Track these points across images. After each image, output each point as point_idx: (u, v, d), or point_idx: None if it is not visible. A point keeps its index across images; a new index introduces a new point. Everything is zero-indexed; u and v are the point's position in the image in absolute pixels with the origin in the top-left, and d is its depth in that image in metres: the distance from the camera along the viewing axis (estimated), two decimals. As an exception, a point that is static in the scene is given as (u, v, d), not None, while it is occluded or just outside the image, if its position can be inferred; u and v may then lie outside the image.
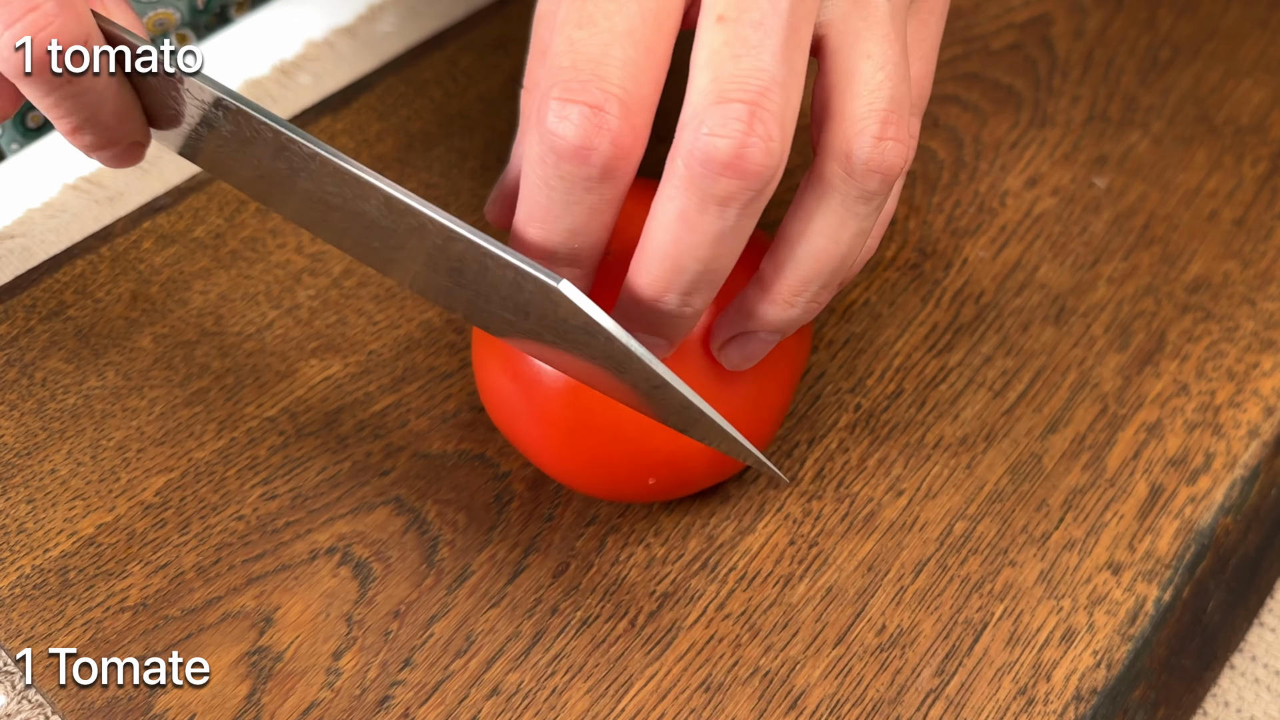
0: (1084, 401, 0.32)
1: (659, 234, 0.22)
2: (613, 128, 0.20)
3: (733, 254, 0.22)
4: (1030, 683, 0.27)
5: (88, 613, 0.28)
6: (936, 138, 0.38)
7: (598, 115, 0.20)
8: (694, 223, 0.21)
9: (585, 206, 0.21)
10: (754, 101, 0.20)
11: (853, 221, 0.23)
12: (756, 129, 0.20)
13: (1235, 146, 0.38)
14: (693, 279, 0.22)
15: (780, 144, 0.21)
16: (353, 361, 0.32)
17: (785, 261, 0.24)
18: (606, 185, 0.21)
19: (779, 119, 0.20)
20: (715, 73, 0.21)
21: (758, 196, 0.21)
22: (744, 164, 0.20)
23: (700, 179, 0.21)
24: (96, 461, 0.30)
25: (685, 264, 0.22)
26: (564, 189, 0.21)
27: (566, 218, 0.22)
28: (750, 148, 0.20)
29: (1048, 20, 0.42)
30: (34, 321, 0.33)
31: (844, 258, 0.23)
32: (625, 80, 0.20)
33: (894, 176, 0.22)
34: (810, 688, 0.27)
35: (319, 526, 0.29)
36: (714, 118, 0.20)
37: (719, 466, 0.28)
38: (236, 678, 0.27)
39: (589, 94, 0.20)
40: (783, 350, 0.27)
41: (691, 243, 0.21)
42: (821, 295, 0.24)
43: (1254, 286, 0.35)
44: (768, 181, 0.21)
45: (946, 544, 0.29)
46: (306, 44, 0.40)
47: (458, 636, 0.28)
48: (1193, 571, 0.29)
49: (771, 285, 0.24)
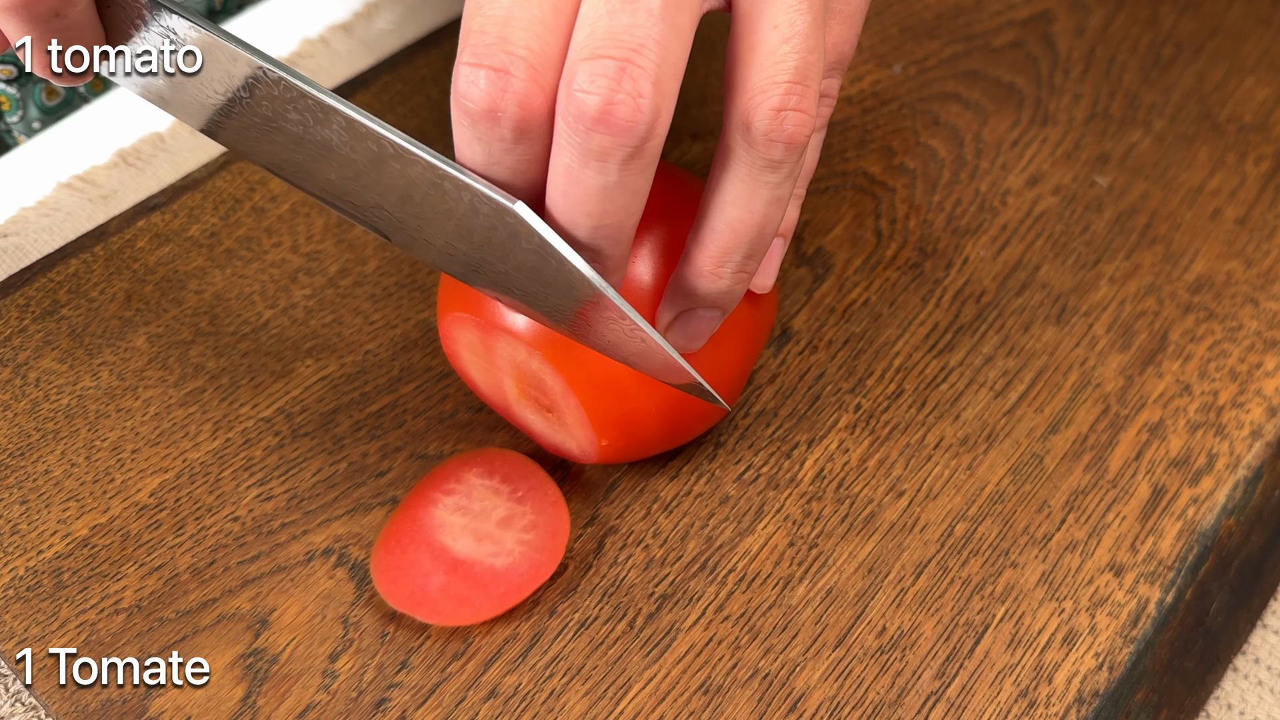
0: (1086, 402, 0.32)
1: (551, 190, 0.22)
2: (518, 90, 0.21)
3: (625, 210, 0.22)
4: (1032, 685, 0.27)
5: (82, 615, 0.28)
6: (937, 136, 0.38)
7: (503, 78, 0.20)
8: (577, 177, 0.21)
9: (506, 166, 0.22)
10: (625, 58, 0.20)
11: (763, 190, 0.23)
12: (625, 85, 0.20)
13: (1238, 145, 0.38)
14: (589, 232, 0.22)
15: (652, 100, 0.21)
16: (349, 362, 0.32)
17: (704, 234, 0.24)
18: (522, 145, 0.21)
19: (652, 76, 0.21)
20: (591, 28, 0.21)
21: (636, 152, 0.21)
22: (612, 119, 0.20)
23: (575, 134, 0.21)
24: (91, 462, 0.30)
25: (577, 219, 0.22)
26: (484, 149, 0.21)
27: (492, 178, 0.22)
28: (618, 105, 0.20)
29: (1049, 17, 0.41)
30: (27, 321, 0.33)
31: (761, 226, 0.24)
32: (530, 41, 0.21)
33: (798, 146, 0.22)
34: (810, 690, 0.27)
35: (315, 528, 0.29)
36: (583, 73, 0.20)
37: (671, 430, 0.28)
38: (232, 680, 0.27)
39: (494, 58, 0.20)
40: (737, 319, 0.28)
41: (579, 198, 0.22)
42: (747, 265, 0.24)
43: (1257, 286, 0.34)
44: (643, 137, 0.21)
45: (947, 545, 0.29)
46: (302, 41, 0.40)
47: (455, 638, 0.27)
48: (1195, 573, 0.29)
49: (695, 259, 0.24)
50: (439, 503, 0.29)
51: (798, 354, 0.33)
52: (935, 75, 0.40)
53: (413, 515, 0.29)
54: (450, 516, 0.28)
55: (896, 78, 0.39)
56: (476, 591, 0.27)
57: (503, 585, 0.27)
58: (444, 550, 0.28)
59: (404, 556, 0.28)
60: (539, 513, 0.28)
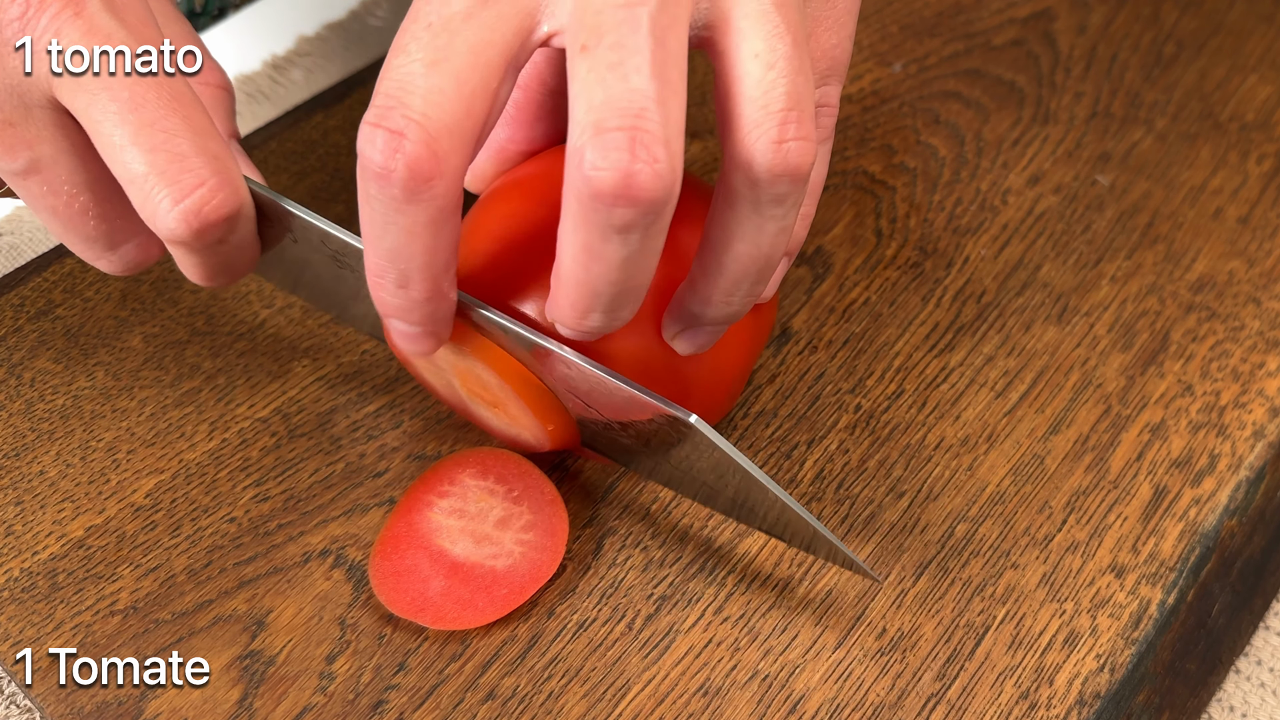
0: (1087, 402, 0.32)
1: (569, 265, 0.22)
2: (409, 152, 0.20)
3: (647, 270, 0.22)
4: (1033, 687, 0.27)
5: (77, 616, 0.27)
6: (938, 135, 0.38)
7: (395, 140, 0.21)
8: (599, 253, 0.21)
9: (399, 228, 0.22)
10: (631, 126, 0.20)
11: (770, 224, 0.23)
12: (640, 154, 0.20)
13: (1240, 143, 0.38)
14: (610, 300, 0.22)
15: (668, 163, 0.20)
16: (346, 362, 0.32)
17: (711, 268, 0.24)
18: (414, 207, 0.21)
19: (661, 138, 0.20)
20: (588, 102, 0.20)
21: (658, 218, 0.21)
22: (634, 192, 0.20)
23: (594, 213, 0.20)
24: (86, 463, 0.30)
25: (599, 289, 0.22)
26: (379, 208, 0.21)
27: (386, 238, 0.22)
28: (637, 175, 0.20)
29: (1050, 15, 0.41)
30: (22, 321, 0.33)
31: (769, 256, 0.23)
32: (427, 108, 0.21)
33: (801, 177, 0.22)
34: (810, 692, 0.27)
35: (312, 528, 0.29)
36: (594, 151, 0.20)
37: None
38: (228, 682, 0.27)
39: (391, 120, 0.21)
40: (737, 322, 0.27)
41: (600, 271, 0.21)
42: (755, 290, 0.24)
43: (1259, 285, 0.34)
44: (664, 203, 0.21)
45: (948, 546, 0.29)
46: (299, 39, 0.40)
47: (452, 640, 0.27)
48: (1197, 574, 0.29)
49: (703, 289, 0.24)
50: (434, 506, 0.29)
51: (797, 354, 0.32)
52: (936, 73, 0.39)
53: (409, 520, 0.28)
54: (447, 520, 0.28)
55: (897, 76, 0.39)
56: (479, 594, 0.27)
57: (504, 586, 0.27)
58: (443, 554, 0.28)
59: (402, 562, 0.28)
60: (536, 511, 0.28)
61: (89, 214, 0.25)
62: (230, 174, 0.23)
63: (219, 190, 0.23)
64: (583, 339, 0.24)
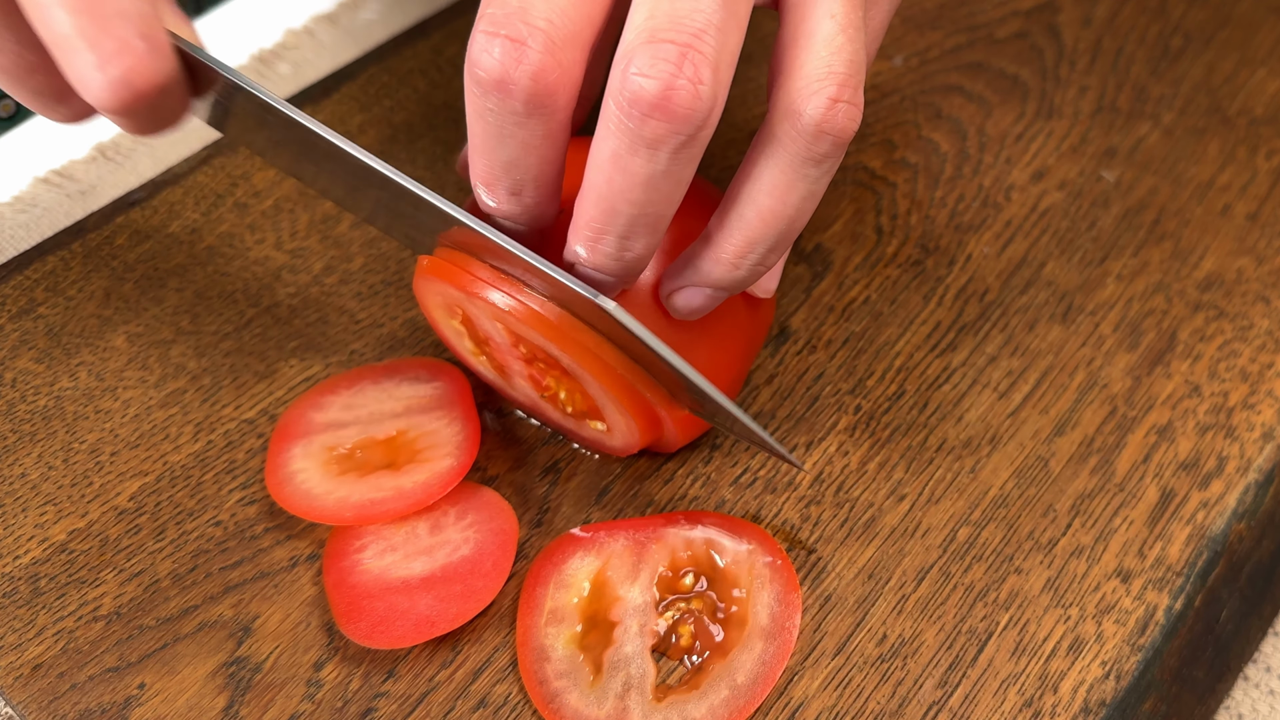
0: (1092, 403, 0.31)
1: (594, 175, 0.22)
2: (533, 61, 0.20)
3: (669, 200, 0.22)
4: (1037, 694, 0.26)
5: (59, 622, 0.27)
6: (939, 129, 0.37)
7: (518, 49, 0.20)
8: (625, 164, 0.21)
9: (518, 141, 0.21)
10: (686, 43, 0.20)
11: (802, 184, 0.23)
12: (685, 70, 0.20)
13: (1249, 138, 0.37)
14: (627, 222, 0.22)
15: (712, 88, 0.20)
16: (334, 361, 0.31)
17: (732, 221, 0.23)
18: (535, 120, 0.21)
19: (712, 62, 0.20)
20: (651, 10, 0.20)
21: (690, 140, 0.20)
22: (671, 105, 0.20)
23: (629, 120, 0.20)
24: (68, 465, 0.29)
25: (619, 206, 0.22)
26: (495, 121, 0.21)
27: (501, 150, 0.21)
28: (678, 90, 0.20)
29: (1054, 7, 0.40)
30: (3, 320, 0.32)
31: (792, 220, 0.23)
32: (551, 14, 0.20)
33: (845, 141, 0.22)
34: (809, 699, 0.26)
35: (299, 533, 0.28)
36: (643, 57, 0.20)
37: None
38: (214, 689, 0.26)
39: (511, 28, 0.20)
40: (735, 320, 0.27)
41: (623, 185, 0.21)
42: (769, 258, 0.24)
43: (1268, 284, 0.34)
44: (699, 125, 0.20)
45: (950, 551, 0.28)
46: (286, 32, 0.39)
47: (443, 647, 0.27)
48: (1205, 579, 0.28)
49: (718, 244, 0.24)
50: (364, 560, 0.27)
51: (796, 354, 0.32)
52: (937, 67, 0.39)
53: (349, 585, 0.27)
54: (384, 560, 0.27)
55: (898, 69, 0.39)
56: (462, 587, 0.27)
57: (486, 563, 0.27)
58: (407, 582, 0.27)
59: (375, 614, 0.26)
60: (456, 502, 0.28)
61: (35, 70, 0.24)
62: (158, 38, 0.22)
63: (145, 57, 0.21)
64: (597, 272, 0.23)
